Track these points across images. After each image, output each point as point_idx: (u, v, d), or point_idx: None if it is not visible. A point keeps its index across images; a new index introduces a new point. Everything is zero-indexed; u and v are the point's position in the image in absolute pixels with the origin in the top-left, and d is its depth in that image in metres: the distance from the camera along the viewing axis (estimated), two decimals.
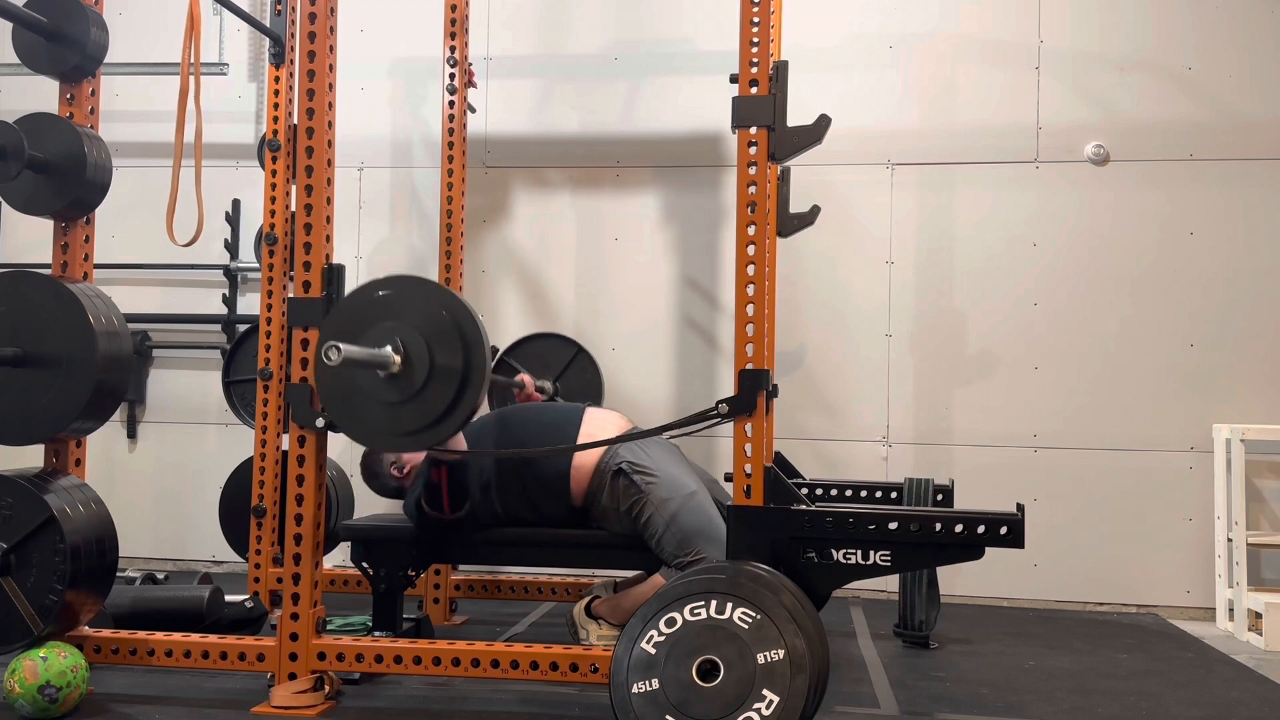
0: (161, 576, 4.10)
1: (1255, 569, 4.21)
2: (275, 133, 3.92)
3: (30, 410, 2.74)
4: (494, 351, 4.03)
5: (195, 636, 2.95)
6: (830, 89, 4.51)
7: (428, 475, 3.16)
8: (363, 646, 2.81)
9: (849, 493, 3.73)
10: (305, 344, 2.83)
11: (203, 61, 4.08)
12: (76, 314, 2.73)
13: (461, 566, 4.11)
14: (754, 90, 2.68)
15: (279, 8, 3.96)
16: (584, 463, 3.18)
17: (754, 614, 2.33)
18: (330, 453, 2.96)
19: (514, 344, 4.31)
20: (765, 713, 2.25)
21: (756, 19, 2.69)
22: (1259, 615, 3.82)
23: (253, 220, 4.75)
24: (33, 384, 2.73)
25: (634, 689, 2.32)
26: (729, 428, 2.68)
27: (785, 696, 2.26)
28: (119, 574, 3.17)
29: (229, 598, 3.53)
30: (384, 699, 2.91)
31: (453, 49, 4.10)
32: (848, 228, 4.54)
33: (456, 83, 4.11)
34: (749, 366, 2.65)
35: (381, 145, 4.89)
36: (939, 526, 2.61)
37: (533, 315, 4.73)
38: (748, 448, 2.65)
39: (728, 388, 3.37)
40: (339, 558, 4.33)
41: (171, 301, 4.98)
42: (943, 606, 3.76)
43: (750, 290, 2.67)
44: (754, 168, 2.68)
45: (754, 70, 2.69)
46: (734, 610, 2.34)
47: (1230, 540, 4.07)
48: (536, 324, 4.70)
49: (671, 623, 2.36)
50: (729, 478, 2.79)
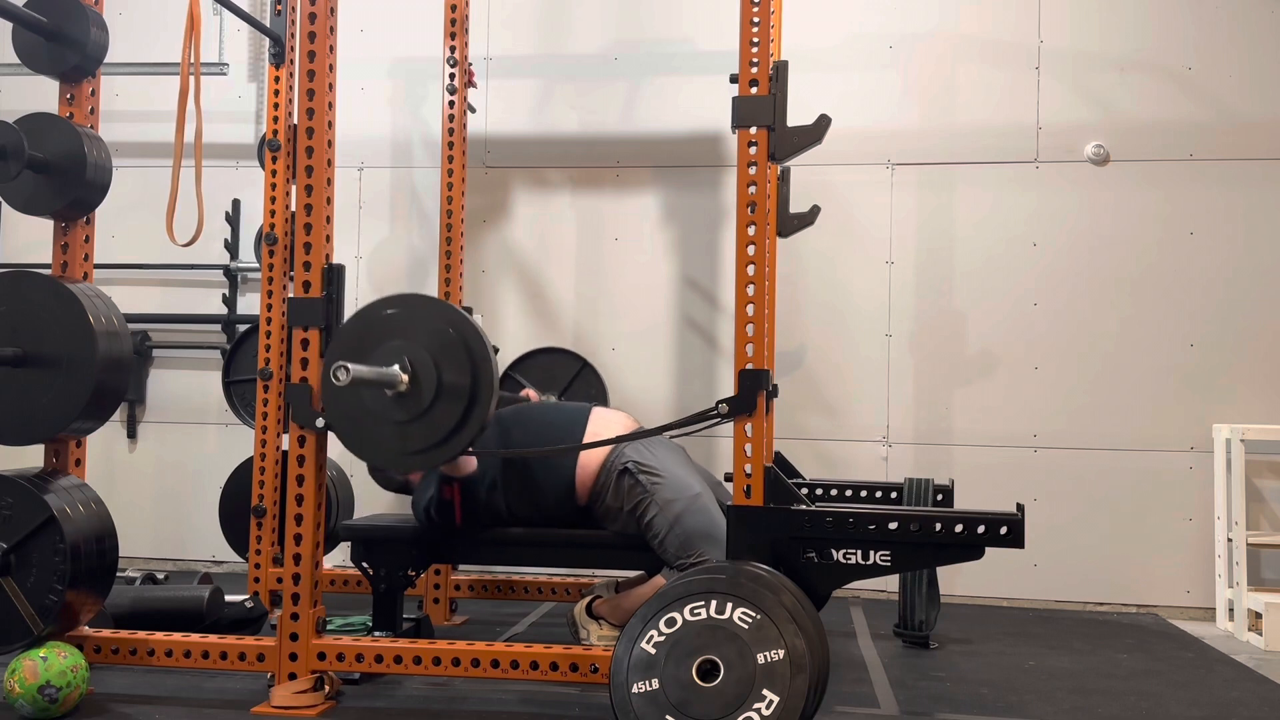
0: (161, 576, 4.10)
1: (1255, 569, 4.21)
2: (275, 133, 3.92)
3: (30, 410, 2.74)
4: (494, 351, 4.03)
5: (195, 636, 2.95)
6: (830, 89, 4.51)
7: (440, 492, 3.17)
8: (363, 646, 2.81)
9: (849, 493, 3.73)
10: (305, 344, 2.83)
11: (203, 61, 4.08)
12: (76, 314, 2.73)
13: (461, 566, 4.11)
14: (754, 90, 2.68)
15: (279, 8, 3.96)
16: (590, 462, 3.19)
17: (754, 614, 2.33)
18: (330, 453, 2.96)
19: (519, 359, 4.30)
20: (765, 713, 2.25)
21: (756, 19, 2.69)
22: (1259, 615, 3.82)
23: (253, 220, 4.75)
24: (33, 384, 2.73)
25: (634, 689, 2.32)
26: (729, 428, 2.68)
27: (785, 696, 2.26)
28: (119, 574, 3.17)
29: (229, 598, 3.53)
30: (384, 699, 2.91)
31: (453, 49, 4.10)
32: (848, 228, 4.54)
33: (456, 83, 4.11)
34: (749, 366, 2.65)
35: (381, 145, 4.89)
36: (939, 526, 2.61)
37: (533, 315, 4.73)
38: (748, 448, 2.65)
39: (728, 388, 3.37)
40: (339, 558, 4.33)
41: (171, 301, 4.98)
42: (943, 606, 3.76)
43: (750, 290, 2.67)
44: (754, 168, 2.68)
45: (754, 70, 2.69)
46: (734, 610, 2.34)
47: (1230, 540, 4.07)
48: (536, 324, 4.71)
49: (671, 623, 2.36)
50: (729, 478, 2.79)
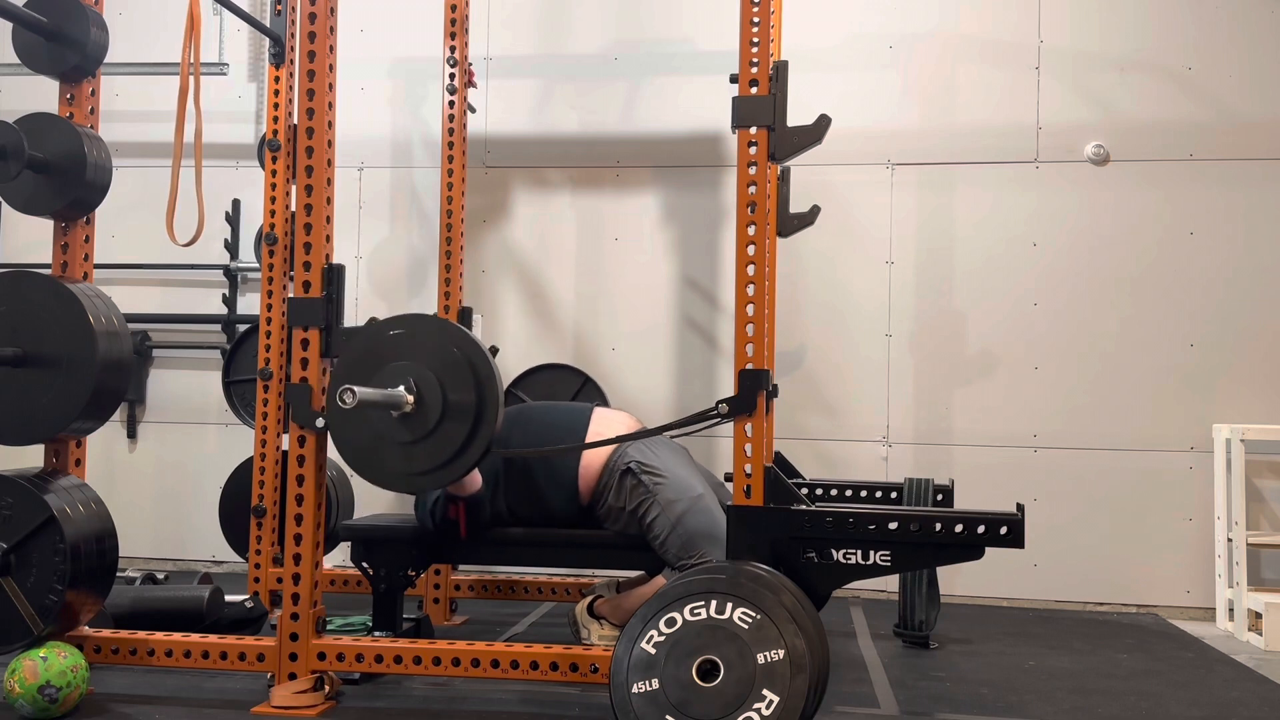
0: (161, 576, 4.10)
1: (1255, 569, 4.21)
2: (275, 133, 3.92)
3: (30, 410, 2.74)
4: (494, 351, 4.03)
5: (195, 636, 2.95)
6: (830, 89, 4.51)
7: (445, 510, 3.17)
8: (363, 646, 2.81)
9: (849, 493, 3.73)
10: (305, 344, 2.83)
11: (203, 61, 4.08)
12: (76, 314, 2.73)
13: (461, 566, 4.11)
14: (754, 90, 2.68)
15: (279, 8, 3.96)
16: (592, 461, 3.19)
17: (754, 614, 2.33)
18: (330, 453, 2.96)
19: (521, 375, 4.28)
20: (765, 713, 2.25)
21: (756, 19, 2.69)
22: (1259, 615, 3.82)
23: (253, 220, 4.75)
24: (33, 384, 2.73)
25: (634, 689, 2.32)
26: (729, 428, 2.68)
27: (785, 696, 2.26)
28: (119, 574, 3.17)
29: (229, 598, 3.53)
30: (384, 699, 2.91)
31: (453, 49, 4.10)
32: (848, 228, 4.54)
33: (456, 83, 4.10)
34: (749, 366, 2.65)
35: (381, 145, 4.89)
36: (939, 526, 2.61)
37: (533, 315, 4.73)
38: (748, 448, 2.65)
39: (728, 388, 3.37)
40: (339, 558, 4.33)
41: (171, 301, 4.98)
42: (943, 606, 3.76)
43: (750, 290, 2.67)
44: (754, 168, 2.68)
45: (754, 70, 2.69)
46: (734, 610, 2.34)
47: (1230, 540, 4.07)
48: (536, 324, 4.71)
49: (671, 623, 2.36)
50: (729, 478, 2.79)
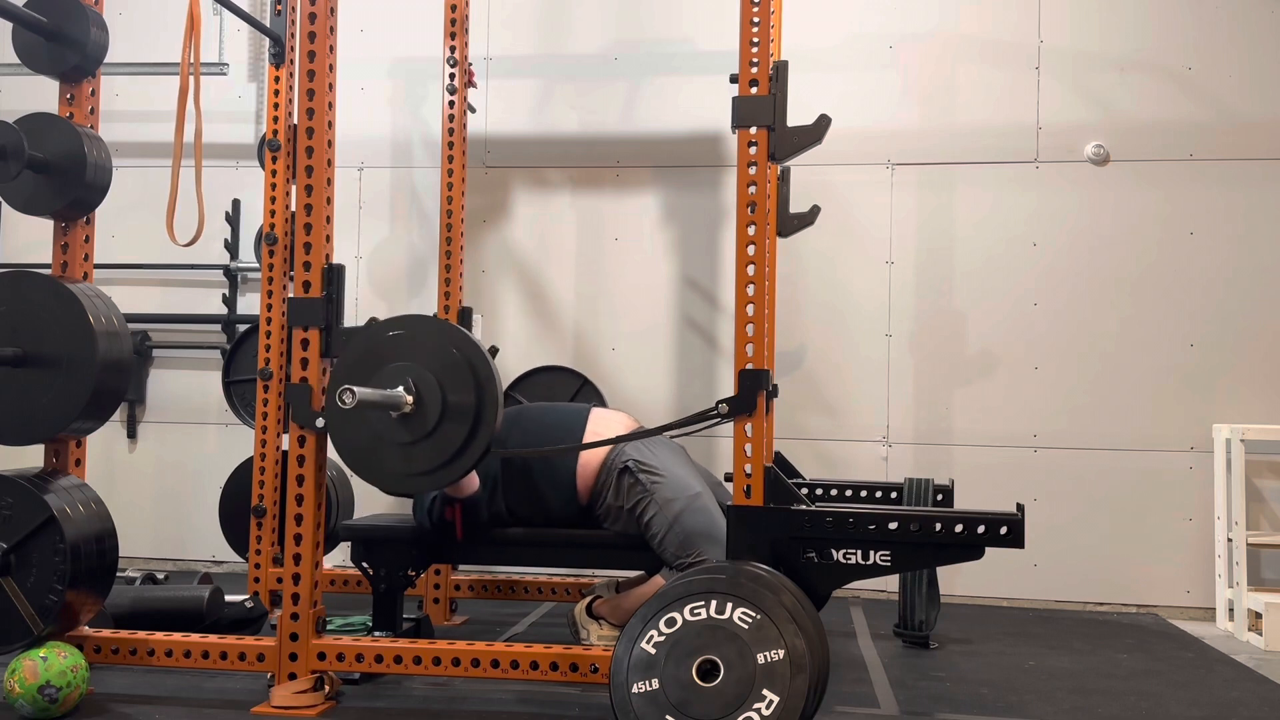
0: (161, 576, 4.10)
1: (1255, 569, 4.21)
2: (275, 133, 3.92)
3: (30, 410, 2.74)
4: (494, 351, 4.03)
5: (195, 636, 2.95)
6: (830, 89, 4.51)
7: (442, 513, 3.17)
8: (363, 646, 2.81)
9: (849, 493, 3.73)
10: (305, 344, 2.83)
11: (203, 61, 4.08)
12: (76, 314, 2.73)
13: (461, 566, 4.11)
14: (754, 90, 2.68)
15: (279, 8, 3.96)
16: (590, 461, 3.19)
17: (754, 614, 2.33)
18: (330, 453, 2.96)
19: (519, 378, 4.27)
20: (765, 713, 2.25)
21: (756, 19, 2.69)
22: (1259, 615, 3.82)
23: (253, 220, 4.75)
24: (33, 384, 2.73)
25: (634, 689, 2.32)
26: (729, 428, 2.68)
27: (785, 696, 2.26)
28: (119, 574, 3.17)
29: (229, 598, 3.53)
30: (384, 699, 2.91)
31: (453, 49, 4.10)
32: (848, 228, 4.54)
33: (456, 83, 4.10)
34: (749, 366, 2.65)
35: (381, 145, 4.89)
36: (939, 526, 2.61)
37: (533, 315, 4.73)
38: (748, 448, 2.65)
39: (728, 388, 3.37)
40: (339, 558, 4.33)
41: (171, 301, 4.98)
42: (943, 606, 3.76)
43: (750, 290, 2.67)
44: (754, 168, 2.68)
45: (754, 70, 2.69)
46: (734, 610, 2.34)
47: (1230, 540, 4.07)
48: (536, 324, 4.71)
49: (671, 623, 2.36)
50: (729, 478, 2.79)
